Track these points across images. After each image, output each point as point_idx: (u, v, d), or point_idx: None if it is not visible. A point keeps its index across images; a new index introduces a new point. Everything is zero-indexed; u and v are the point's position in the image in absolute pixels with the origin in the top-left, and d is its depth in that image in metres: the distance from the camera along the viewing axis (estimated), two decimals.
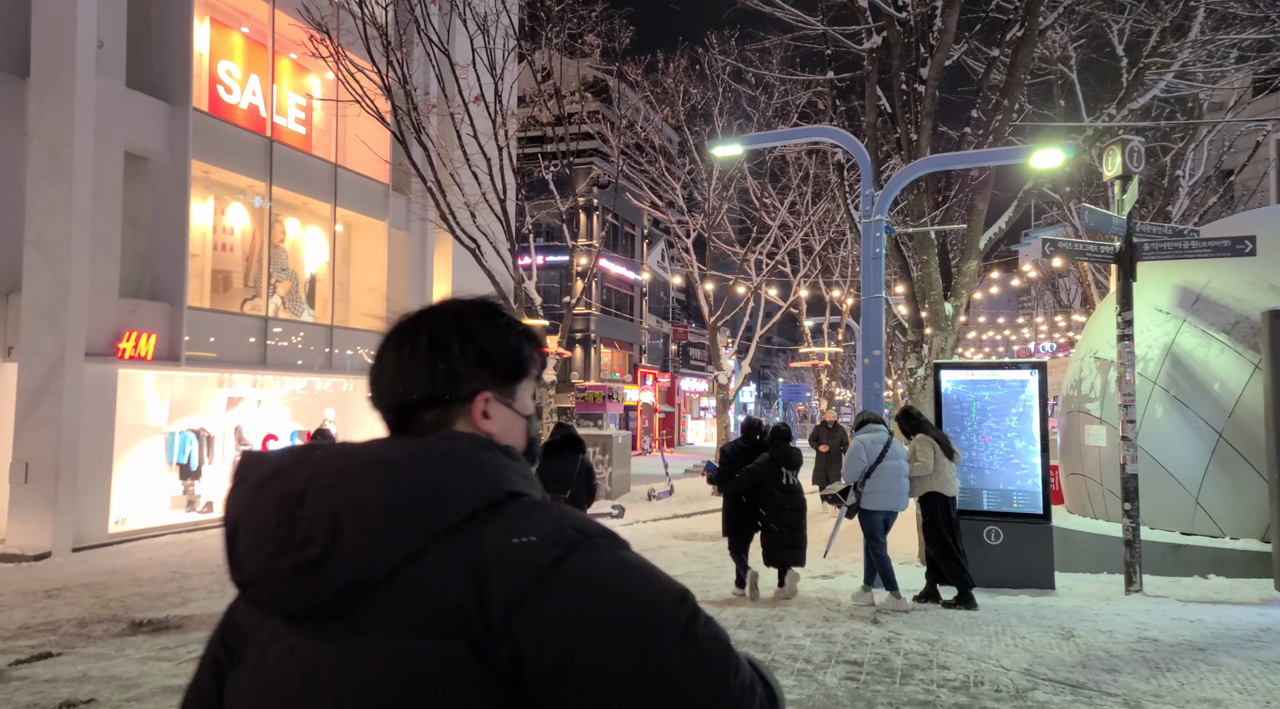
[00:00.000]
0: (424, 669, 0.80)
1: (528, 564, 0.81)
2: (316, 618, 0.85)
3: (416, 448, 0.91)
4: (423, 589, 0.82)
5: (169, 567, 9.96)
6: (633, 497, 15.77)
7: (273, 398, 15.98)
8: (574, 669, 0.78)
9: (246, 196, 15.18)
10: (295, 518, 0.86)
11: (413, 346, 1.02)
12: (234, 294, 15.04)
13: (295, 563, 0.84)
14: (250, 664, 0.92)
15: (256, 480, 0.92)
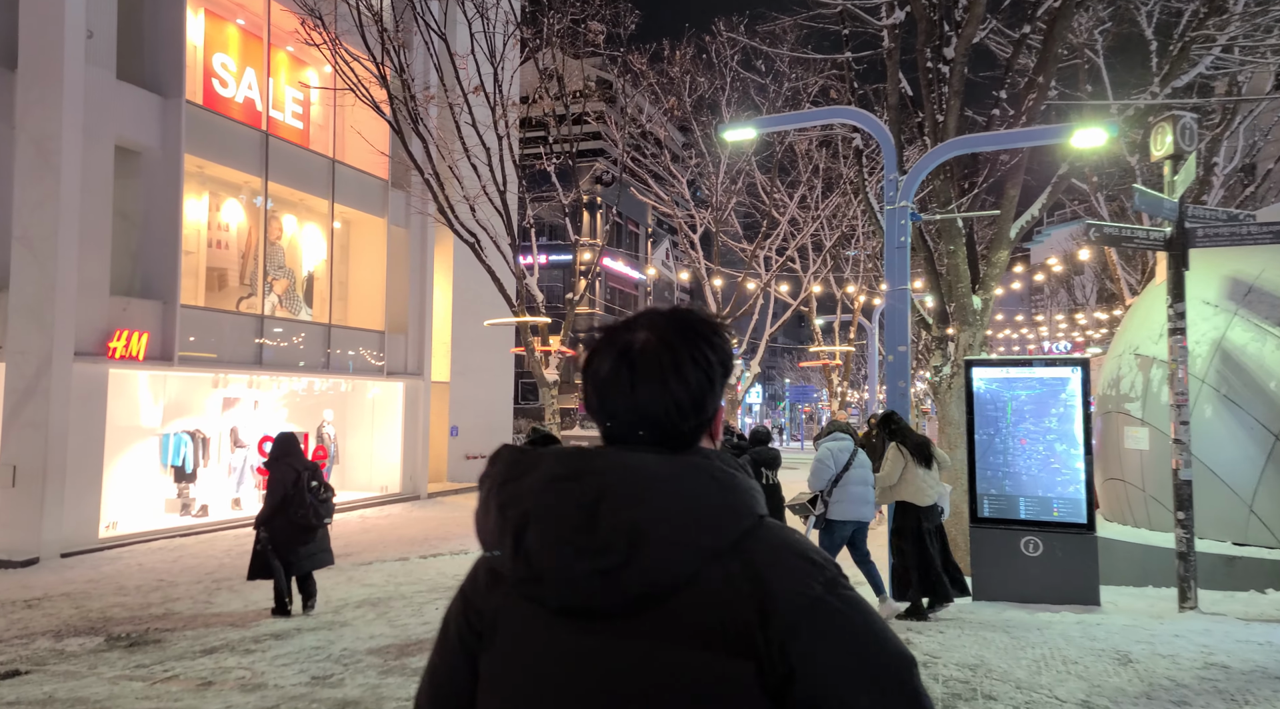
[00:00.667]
0: (710, 681, 0.89)
1: (799, 595, 0.92)
2: (596, 616, 0.93)
3: (691, 469, 0.96)
4: (706, 606, 0.91)
5: (156, 574, 9.52)
6: None
7: (270, 399, 15.56)
8: (834, 702, 0.90)
9: (242, 192, 14.76)
10: (594, 525, 0.92)
11: (676, 369, 1.00)
12: (229, 292, 14.62)
13: (595, 568, 0.91)
14: (504, 649, 0.99)
15: (547, 477, 0.96)
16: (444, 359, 20.98)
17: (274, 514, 6.98)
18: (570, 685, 0.93)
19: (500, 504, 0.98)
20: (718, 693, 0.89)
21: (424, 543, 11.63)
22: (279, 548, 7.01)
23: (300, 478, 7.03)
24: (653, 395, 0.98)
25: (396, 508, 16.45)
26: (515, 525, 0.95)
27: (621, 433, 1.01)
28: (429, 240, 18.88)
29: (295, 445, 7.29)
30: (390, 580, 8.79)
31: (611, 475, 0.94)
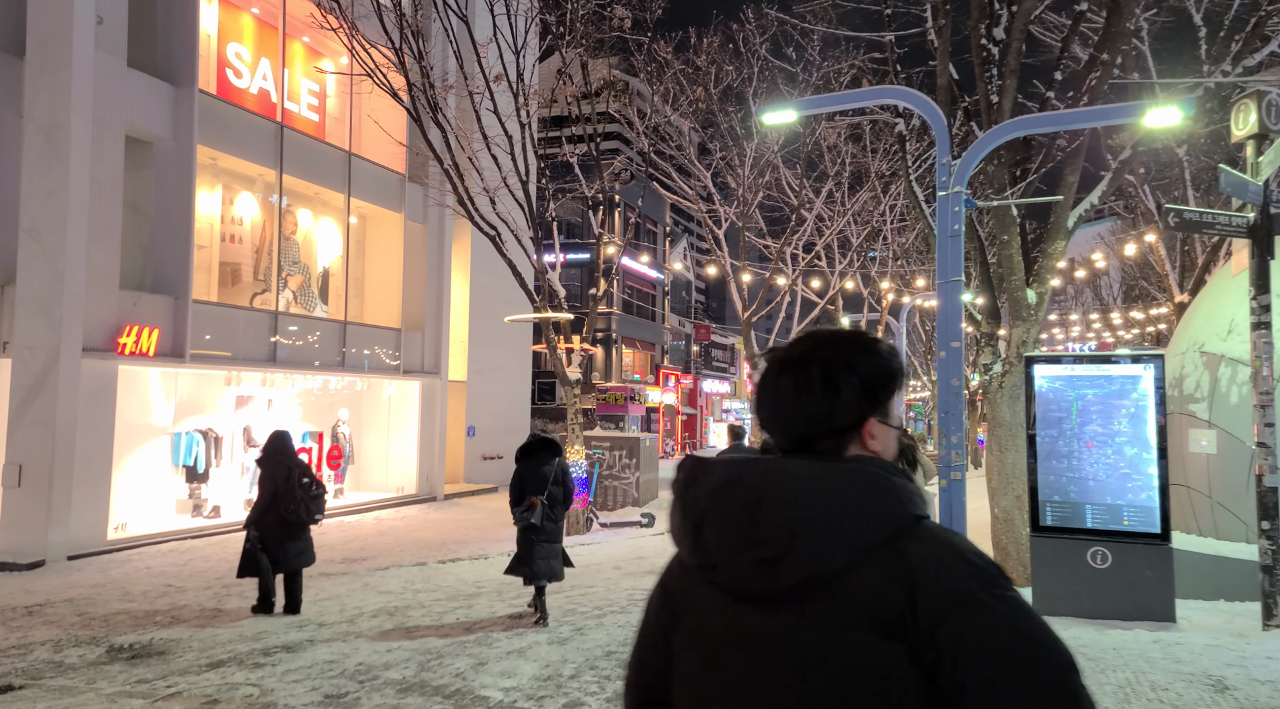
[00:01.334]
0: (866, 658, 1.01)
1: (950, 589, 1.02)
2: (765, 600, 1.07)
3: (843, 473, 1.09)
4: (862, 593, 1.03)
5: (165, 579, 9.17)
6: (661, 503, 14.86)
7: (284, 397, 15.24)
8: (978, 690, 0.98)
9: (256, 185, 14.44)
10: (756, 521, 1.07)
11: (808, 384, 1.14)
12: (243, 288, 14.31)
13: (757, 559, 1.06)
14: (691, 628, 1.15)
15: (717, 483, 1.11)
16: (461, 358, 20.62)
17: (264, 512, 6.95)
18: (747, 659, 1.07)
19: (683, 506, 1.14)
20: (873, 670, 1.01)
21: (442, 547, 11.24)
22: (269, 545, 6.94)
23: (291, 475, 6.98)
24: (787, 407, 1.14)
25: (413, 509, 16.09)
26: (694, 523, 1.12)
27: (776, 440, 1.17)
28: (446, 236, 18.53)
29: (287, 443, 7.27)
30: (408, 587, 8.39)
31: (768, 479, 1.08)
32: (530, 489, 6.70)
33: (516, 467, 6.88)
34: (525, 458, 6.85)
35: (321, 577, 9.00)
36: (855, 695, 1.00)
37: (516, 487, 6.79)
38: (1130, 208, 12.22)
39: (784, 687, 1.04)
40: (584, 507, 11.64)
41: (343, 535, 12.65)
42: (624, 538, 11.54)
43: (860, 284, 17.84)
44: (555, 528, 6.75)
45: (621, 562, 9.87)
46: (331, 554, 10.83)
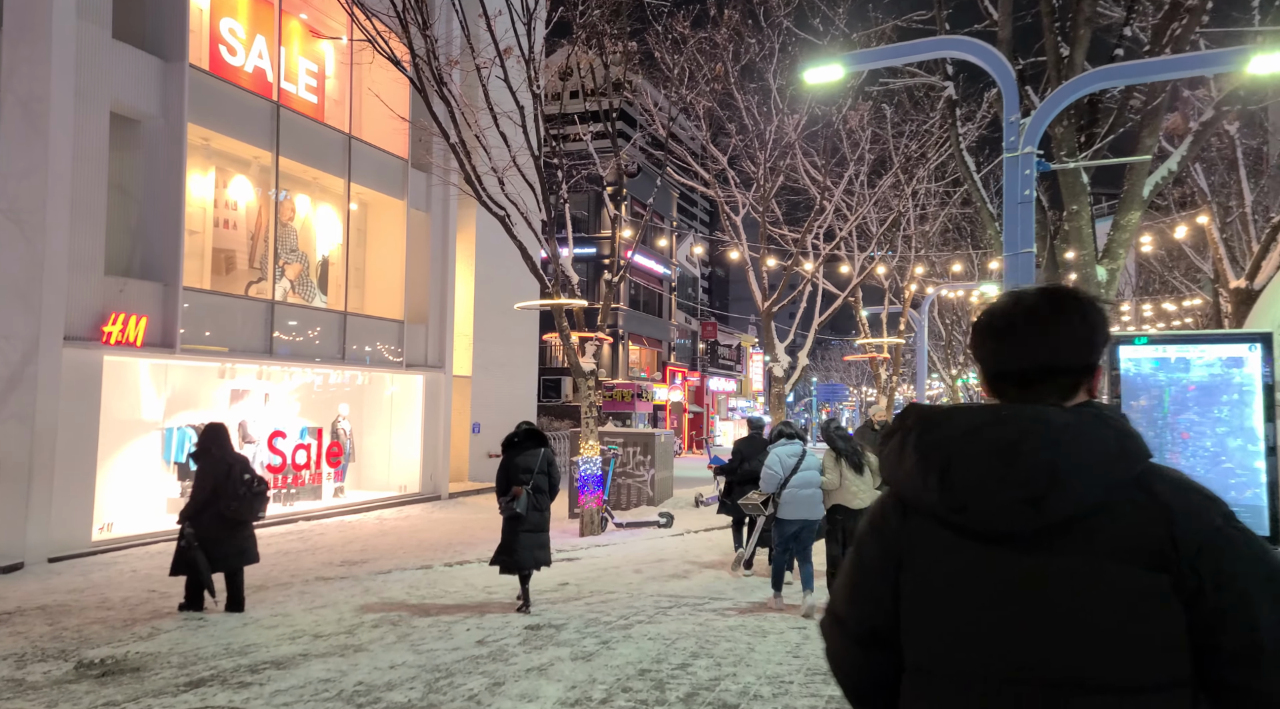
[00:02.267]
0: (1133, 589, 1.09)
1: (1203, 521, 1.12)
2: (1014, 539, 1.13)
3: (1092, 417, 1.17)
4: (1122, 529, 1.11)
5: (150, 583, 8.47)
6: (677, 502, 14.18)
7: (281, 392, 14.56)
8: (1238, 611, 1.08)
9: (251, 168, 13.75)
10: (1014, 463, 1.12)
11: (1071, 321, 1.23)
12: (238, 276, 13.61)
13: (1019, 498, 1.12)
14: (921, 568, 1.20)
15: (966, 427, 1.18)
16: (465, 352, 19.92)
17: (202, 509, 6.69)
18: (1005, 596, 1.13)
19: (921, 450, 1.20)
20: (1141, 600, 1.09)
21: (447, 548, 10.54)
22: (206, 543, 6.67)
23: (232, 470, 6.73)
24: (1046, 334, 1.22)
25: (416, 509, 15.40)
26: (940, 466, 1.18)
27: (1014, 384, 1.24)
28: (451, 224, 17.83)
29: (224, 437, 7.02)
30: (412, 593, 7.69)
31: (1024, 423, 1.15)
32: (516, 480, 6.79)
33: (502, 457, 6.99)
34: (511, 449, 6.98)
35: (318, 581, 8.30)
36: (1126, 625, 1.08)
37: (503, 477, 6.89)
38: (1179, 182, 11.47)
39: (1054, 620, 1.10)
40: (599, 506, 10.93)
41: (342, 536, 11.96)
42: (641, 538, 10.84)
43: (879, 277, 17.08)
44: (541, 517, 6.86)
45: (642, 564, 9.16)
46: (330, 556, 10.13)
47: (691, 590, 7.74)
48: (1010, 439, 1.12)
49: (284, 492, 13.95)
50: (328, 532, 12.44)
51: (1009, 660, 1.11)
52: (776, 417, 14.44)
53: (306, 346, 13.96)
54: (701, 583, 8.11)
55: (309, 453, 14.29)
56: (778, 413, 14.41)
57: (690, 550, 10.13)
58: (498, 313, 21.31)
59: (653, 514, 12.43)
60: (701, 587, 7.93)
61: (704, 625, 6.24)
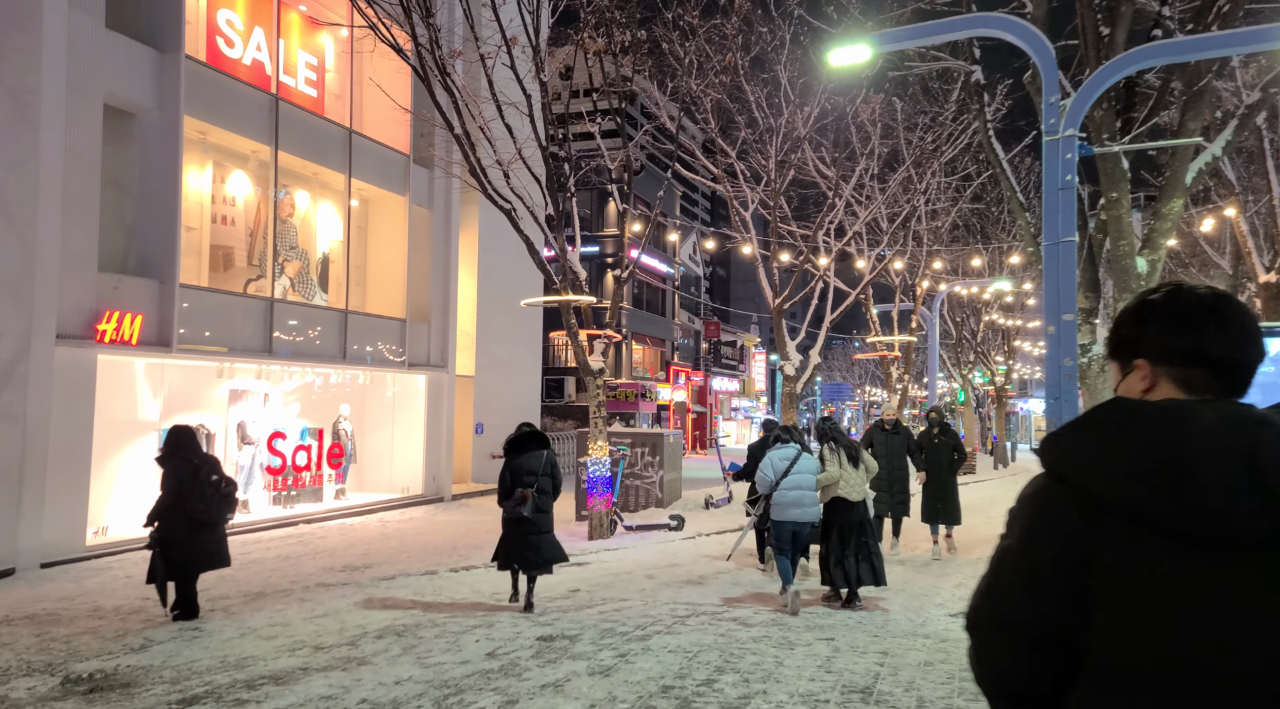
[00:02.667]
0: None
1: None
2: (1248, 545, 1.10)
3: None
4: None
5: (144, 590, 8.12)
6: (686, 503, 13.84)
7: (280, 392, 14.24)
8: None
9: (249, 163, 13.43)
10: (1254, 469, 1.09)
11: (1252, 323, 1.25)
12: (236, 274, 13.30)
13: (1260, 505, 1.09)
14: (1128, 572, 1.15)
15: (1195, 429, 1.13)
16: (468, 352, 19.61)
17: (167, 512, 6.61)
18: (1238, 605, 1.09)
19: (1148, 450, 1.14)
20: None
21: (452, 552, 10.22)
22: (171, 547, 6.56)
23: (199, 472, 6.64)
24: (1257, 343, 1.23)
25: (419, 511, 15.08)
26: (1173, 467, 1.12)
27: (1219, 375, 1.22)
28: (453, 221, 17.52)
29: (190, 439, 6.91)
30: (418, 601, 7.36)
31: (1262, 431, 1.13)
32: (520, 482, 6.80)
33: (504, 459, 6.99)
34: (514, 451, 6.98)
35: (319, 588, 7.98)
36: None
37: (506, 479, 6.89)
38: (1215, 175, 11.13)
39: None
40: (608, 508, 10.60)
41: (344, 539, 11.64)
42: (652, 542, 10.52)
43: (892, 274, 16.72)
44: (546, 518, 6.90)
45: (655, 569, 8.84)
46: (331, 561, 9.81)
47: (708, 597, 7.41)
48: (1248, 443, 1.10)
49: (284, 494, 13.64)
50: (329, 535, 12.12)
51: (1243, 669, 1.09)
52: (787, 417, 14.11)
53: (307, 346, 13.65)
54: (718, 589, 7.79)
55: (309, 454, 13.98)
56: (789, 413, 14.07)
57: (704, 554, 9.81)
58: (501, 311, 20.99)
59: (663, 516, 12.10)
60: (719, 593, 7.60)
61: (726, 636, 5.91)
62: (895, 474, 9.42)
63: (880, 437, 9.47)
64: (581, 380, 36.29)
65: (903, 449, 9.41)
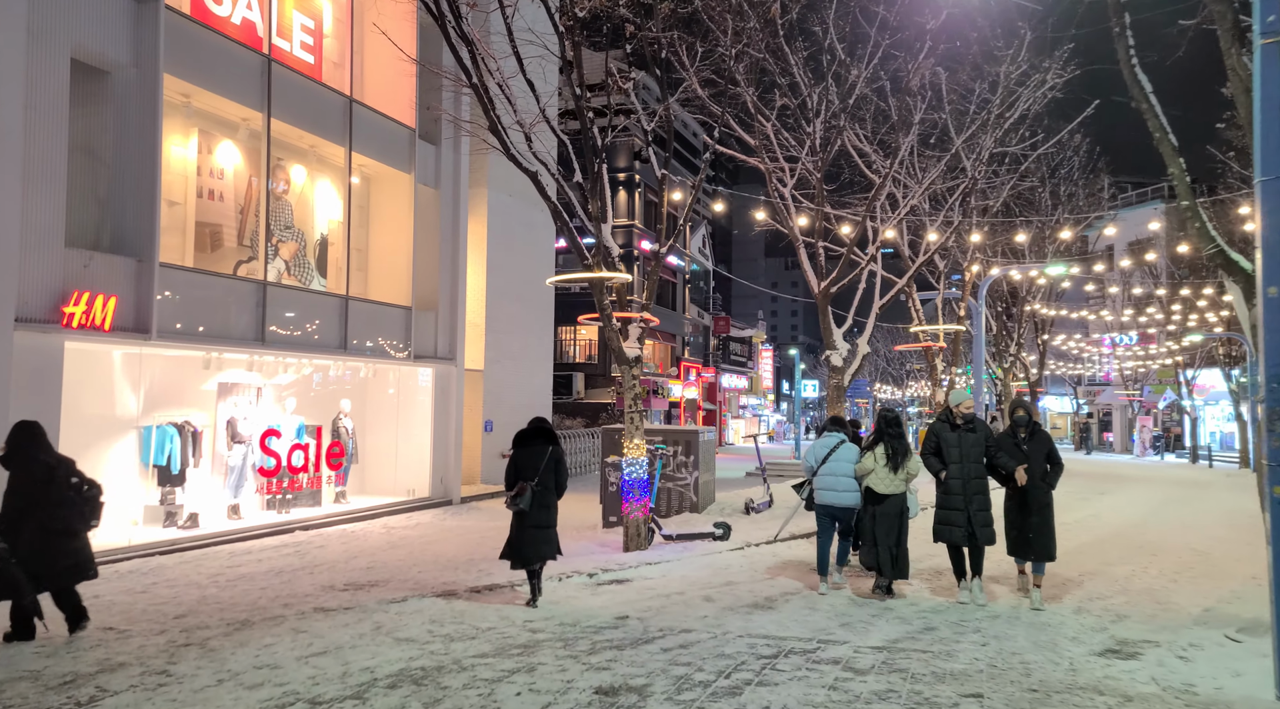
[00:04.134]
0: None
1: None
2: None
3: None
4: None
5: (110, 614, 6.89)
6: (723, 508, 12.58)
7: (275, 385, 12.97)
8: None
9: (239, 133, 12.16)
10: None
11: None
12: (225, 255, 12.03)
13: None
14: None
15: None
16: (476, 344, 18.35)
17: (19, 519, 5.85)
18: None
19: None
20: None
21: (469, 566, 8.96)
22: (28, 560, 5.82)
23: (54, 474, 6.02)
24: None
25: (426, 515, 13.83)
26: None
27: None
28: (461, 202, 16.25)
29: (39, 434, 6.20)
30: (435, 632, 6.10)
31: None
32: (524, 476, 6.91)
33: (513, 452, 7.08)
34: (521, 446, 7.09)
35: (317, 614, 6.72)
36: None
37: (511, 473, 7.00)
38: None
39: None
40: (646, 515, 9.34)
41: (345, 549, 10.39)
42: (696, 554, 9.26)
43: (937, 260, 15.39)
44: (548, 515, 6.95)
45: (709, 589, 7.58)
46: (332, 576, 8.56)
47: (787, 627, 6.16)
48: None
49: (279, 497, 12.38)
50: (328, 543, 10.87)
51: None
52: (832, 411, 12.85)
53: (303, 335, 12.39)
54: (795, 615, 6.53)
55: (307, 454, 12.72)
56: (835, 406, 12.81)
57: (760, 569, 8.55)
58: (510, 301, 19.75)
59: (703, 523, 10.84)
60: (798, 621, 6.34)
61: (838, 689, 4.66)
62: (972, 486, 6.91)
63: (950, 436, 7.05)
64: (591, 377, 34.98)
65: (980, 452, 6.94)
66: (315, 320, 12.67)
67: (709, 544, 9.65)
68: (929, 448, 7.20)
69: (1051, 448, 7.15)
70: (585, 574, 8.10)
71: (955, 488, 6.97)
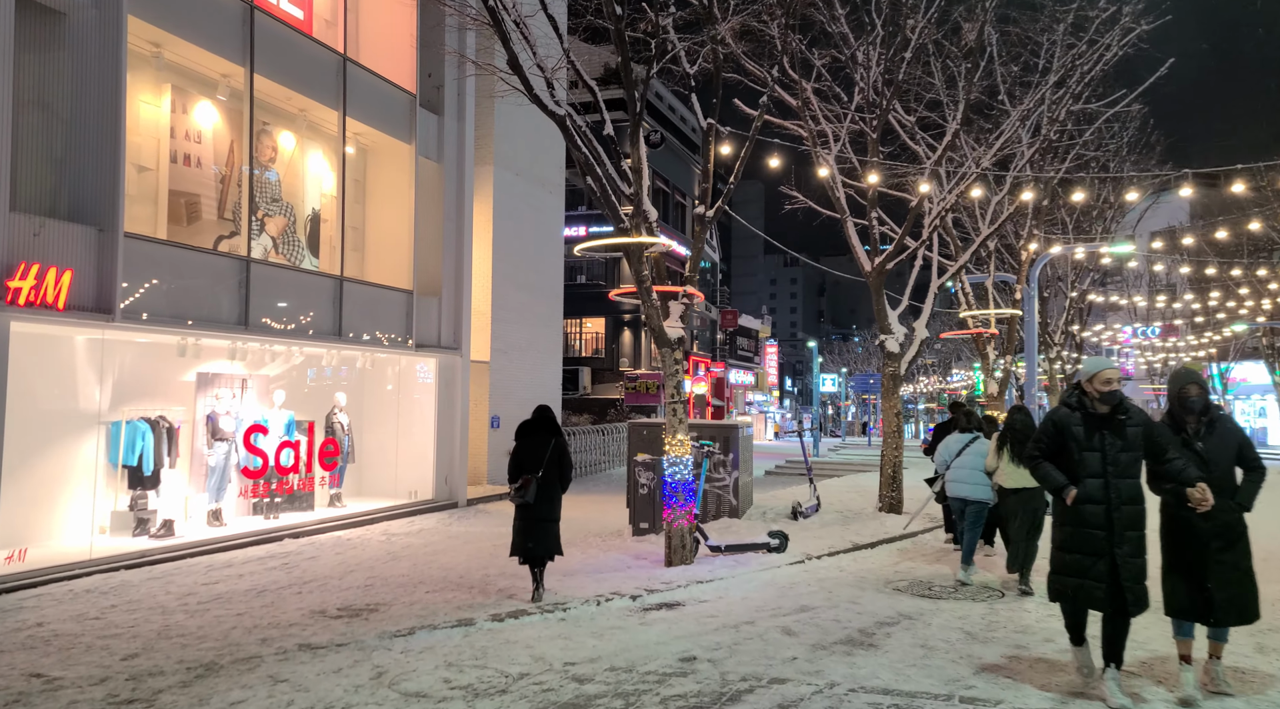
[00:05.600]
0: None
1: None
2: None
3: None
4: None
5: (44, 654, 5.54)
6: (765, 512, 11.25)
7: (261, 377, 11.63)
8: None
9: (219, 90, 10.80)
10: None
11: None
12: (203, 228, 10.68)
13: None
14: None
15: None
16: (483, 333, 17.03)
17: None
18: None
19: None
20: None
21: (484, 583, 7.64)
22: None
23: None
24: None
25: (430, 520, 12.50)
26: None
27: None
28: (467, 178, 14.90)
29: None
30: (454, 681, 4.76)
31: None
32: (527, 468, 6.79)
33: (515, 445, 6.98)
34: (524, 438, 6.97)
35: (303, 653, 5.38)
36: None
37: (514, 466, 6.89)
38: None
39: None
40: (691, 523, 8.00)
41: (340, 561, 9.06)
42: (751, 568, 7.92)
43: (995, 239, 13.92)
44: (552, 508, 6.81)
45: (785, 618, 6.23)
46: (323, 596, 7.22)
47: (908, 675, 4.81)
48: None
49: (265, 501, 11.05)
50: (321, 554, 9.55)
51: None
52: (887, 404, 11.53)
53: (293, 320, 11.04)
54: (908, 655, 5.19)
55: (297, 453, 11.38)
56: (891, 399, 11.49)
57: (834, 589, 7.21)
58: (518, 288, 18.42)
59: (750, 531, 9.50)
60: (917, 666, 5.00)
61: None
62: (1123, 515, 4.32)
63: (1078, 429, 4.46)
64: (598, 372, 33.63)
65: (1136, 459, 4.37)
66: (306, 304, 11.32)
67: (763, 556, 8.31)
68: (1043, 446, 4.54)
69: (1244, 442, 4.60)
70: (628, 596, 6.77)
71: (1094, 518, 4.33)
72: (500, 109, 17.43)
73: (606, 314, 32.81)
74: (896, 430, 11.30)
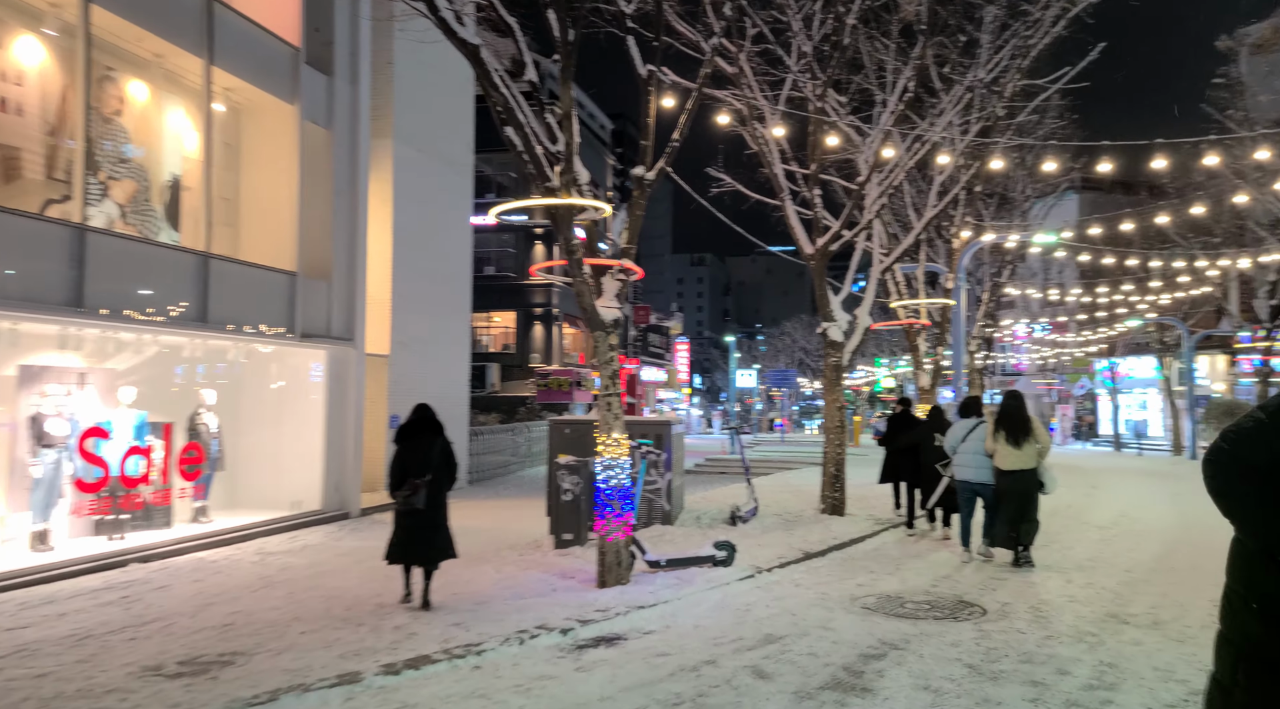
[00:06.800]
0: None
1: None
2: None
3: None
4: None
5: None
6: (700, 517, 10.17)
7: (106, 370, 9.73)
8: None
9: (46, 22, 8.89)
10: None
11: None
12: (26, 187, 8.76)
13: None
14: None
15: None
16: (381, 324, 15.36)
17: None
18: None
19: None
20: None
21: (378, 615, 6.23)
22: None
23: None
24: None
25: (316, 534, 10.87)
26: None
27: None
28: (362, 148, 13.26)
29: None
30: None
31: None
32: (412, 472, 6.47)
33: (396, 448, 6.64)
34: (407, 439, 6.65)
35: None
36: None
37: (397, 470, 6.55)
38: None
39: None
40: (628, 536, 6.82)
41: (197, 591, 7.43)
42: (697, 587, 6.80)
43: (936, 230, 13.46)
44: (442, 512, 6.54)
45: (751, 653, 5.12)
46: (164, 645, 5.65)
47: None
48: None
49: (108, 519, 9.19)
50: (174, 582, 7.87)
51: None
52: (830, 397, 10.69)
53: (145, 302, 9.26)
54: (916, 703, 4.19)
55: (150, 461, 9.56)
56: (834, 392, 10.64)
57: (797, 611, 6.17)
58: (421, 275, 16.80)
59: (686, 540, 8.39)
60: None
61: None
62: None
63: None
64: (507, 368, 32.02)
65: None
66: (162, 284, 9.54)
67: (708, 571, 7.22)
68: None
69: None
70: (556, 629, 5.53)
71: None
72: (401, 77, 15.83)
73: (517, 308, 31.32)
74: (840, 425, 10.48)
